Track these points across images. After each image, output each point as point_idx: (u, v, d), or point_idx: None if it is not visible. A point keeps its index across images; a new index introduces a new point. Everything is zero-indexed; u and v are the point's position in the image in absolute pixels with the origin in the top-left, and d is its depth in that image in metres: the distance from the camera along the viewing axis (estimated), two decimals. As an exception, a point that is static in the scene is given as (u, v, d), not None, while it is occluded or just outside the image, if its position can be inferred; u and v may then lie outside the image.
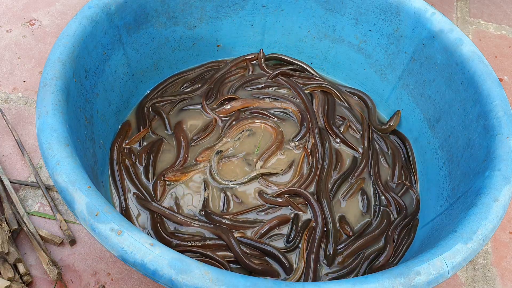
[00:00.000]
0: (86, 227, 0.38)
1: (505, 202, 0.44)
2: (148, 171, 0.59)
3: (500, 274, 0.60)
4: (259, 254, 0.54)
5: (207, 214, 0.56)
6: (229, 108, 0.67)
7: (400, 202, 0.60)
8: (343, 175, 0.62)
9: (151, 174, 0.59)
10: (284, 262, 0.53)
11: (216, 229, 0.54)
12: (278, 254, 0.53)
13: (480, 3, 1.02)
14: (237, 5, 0.70)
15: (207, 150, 0.62)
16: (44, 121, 0.43)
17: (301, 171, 0.62)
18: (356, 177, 0.62)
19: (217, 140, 0.64)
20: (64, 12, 0.87)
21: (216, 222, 0.55)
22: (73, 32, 0.51)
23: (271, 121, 0.67)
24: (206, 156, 0.62)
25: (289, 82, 0.73)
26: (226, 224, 0.55)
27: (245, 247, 0.53)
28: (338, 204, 0.60)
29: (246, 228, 0.56)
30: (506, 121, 0.50)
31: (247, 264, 0.51)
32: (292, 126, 0.68)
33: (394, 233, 0.57)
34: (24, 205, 0.60)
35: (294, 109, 0.69)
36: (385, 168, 0.65)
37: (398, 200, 0.60)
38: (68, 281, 0.54)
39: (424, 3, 0.62)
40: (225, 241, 0.53)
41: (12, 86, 0.74)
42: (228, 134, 0.64)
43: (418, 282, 0.37)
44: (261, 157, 0.63)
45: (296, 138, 0.65)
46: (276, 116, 0.68)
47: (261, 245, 0.54)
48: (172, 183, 0.59)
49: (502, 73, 0.87)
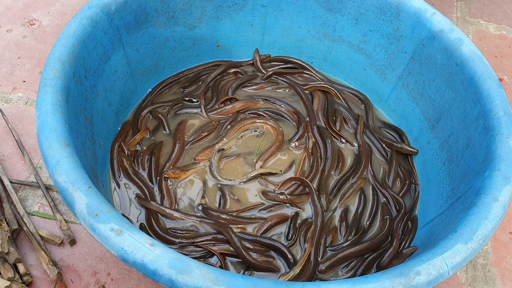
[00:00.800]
0: (86, 227, 0.38)
1: (505, 202, 0.44)
2: (151, 175, 0.59)
3: (500, 274, 0.60)
4: (261, 250, 0.54)
5: (205, 209, 0.57)
6: (230, 109, 0.67)
7: (400, 200, 0.60)
8: (345, 175, 0.63)
9: (154, 178, 0.59)
10: (287, 254, 0.53)
11: (216, 224, 0.54)
12: (281, 247, 0.53)
13: (480, 3, 1.02)
14: (237, 5, 0.70)
15: (207, 149, 0.62)
16: (44, 121, 0.43)
17: (302, 170, 0.62)
18: (357, 177, 0.62)
19: (217, 140, 0.64)
20: (64, 12, 0.87)
21: (215, 217, 0.56)
22: (73, 32, 0.51)
23: (271, 121, 0.67)
24: (205, 156, 0.62)
25: (289, 82, 0.73)
26: (225, 219, 0.55)
27: (247, 242, 0.54)
28: (339, 203, 0.60)
29: (246, 223, 0.56)
30: (506, 121, 0.50)
31: (247, 259, 0.51)
32: (291, 127, 0.68)
33: (399, 229, 0.57)
34: (24, 205, 0.60)
35: (290, 110, 0.69)
36: (382, 164, 0.65)
37: (396, 197, 0.61)
38: (68, 281, 0.54)
39: (424, 3, 0.62)
40: (225, 235, 0.53)
41: (12, 86, 0.74)
42: (228, 134, 0.64)
43: (418, 282, 0.37)
44: (261, 157, 0.63)
45: (294, 138, 0.66)
46: (273, 117, 0.68)
47: (264, 239, 0.54)
48: (174, 181, 0.59)
49: (502, 73, 0.87)
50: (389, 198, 0.61)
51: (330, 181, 0.62)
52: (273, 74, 0.74)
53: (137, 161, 0.61)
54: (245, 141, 0.65)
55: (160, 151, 0.62)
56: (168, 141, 0.64)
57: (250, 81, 0.73)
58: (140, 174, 0.60)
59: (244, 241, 0.54)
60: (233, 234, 0.53)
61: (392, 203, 0.60)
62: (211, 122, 0.66)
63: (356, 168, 0.63)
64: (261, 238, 0.54)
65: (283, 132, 0.66)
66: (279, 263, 0.54)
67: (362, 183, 0.62)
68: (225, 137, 0.64)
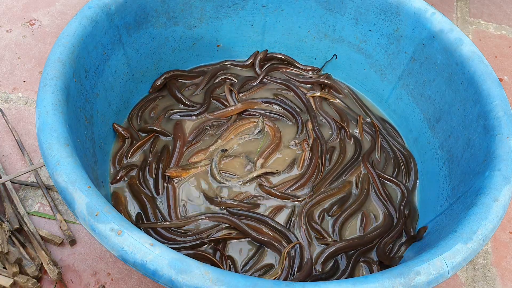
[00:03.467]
0: (86, 227, 0.38)
1: (505, 202, 0.44)
2: (158, 183, 0.59)
3: (500, 274, 0.60)
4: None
5: (207, 197, 0.58)
6: (233, 110, 0.67)
7: (401, 186, 0.62)
8: (345, 166, 0.64)
9: (161, 186, 0.59)
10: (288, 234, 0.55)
11: (220, 216, 0.56)
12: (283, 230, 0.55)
13: (480, 3, 1.02)
14: (237, 5, 0.70)
15: (200, 151, 0.62)
16: (44, 121, 0.43)
17: (303, 167, 0.63)
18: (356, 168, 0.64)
19: (212, 142, 0.64)
20: (64, 12, 0.87)
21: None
22: (73, 32, 0.51)
23: (267, 120, 0.67)
24: (199, 158, 0.62)
25: (283, 83, 0.73)
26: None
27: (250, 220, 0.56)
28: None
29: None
30: (506, 121, 0.50)
31: (255, 237, 0.54)
32: (289, 126, 0.68)
33: (405, 210, 0.59)
34: (24, 205, 0.60)
35: (287, 108, 0.69)
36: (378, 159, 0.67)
37: (397, 182, 0.62)
38: (68, 281, 0.54)
39: (424, 3, 0.62)
40: (231, 222, 0.55)
41: (12, 86, 0.74)
42: (223, 136, 0.64)
43: (418, 282, 0.37)
44: (262, 156, 0.63)
45: (296, 135, 0.66)
46: (271, 117, 0.69)
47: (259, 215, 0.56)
48: (176, 180, 0.59)
49: (502, 73, 0.87)
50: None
51: (329, 177, 0.62)
52: (266, 75, 0.74)
53: (143, 171, 0.60)
54: (245, 141, 0.65)
55: (168, 156, 0.62)
56: (169, 142, 0.64)
57: (243, 86, 0.73)
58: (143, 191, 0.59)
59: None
60: (236, 219, 0.55)
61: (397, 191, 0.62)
62: (210, 121, 0.67)
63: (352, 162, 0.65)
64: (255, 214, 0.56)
65: (280, 130, 0.66)
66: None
67: (346, 187, 0.62)
68: (220, 139, 0.64)
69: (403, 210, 0.59)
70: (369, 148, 0.66)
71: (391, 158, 0.66)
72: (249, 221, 0.55)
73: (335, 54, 0.74)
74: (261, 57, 0.75)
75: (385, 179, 0.63)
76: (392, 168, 0.65)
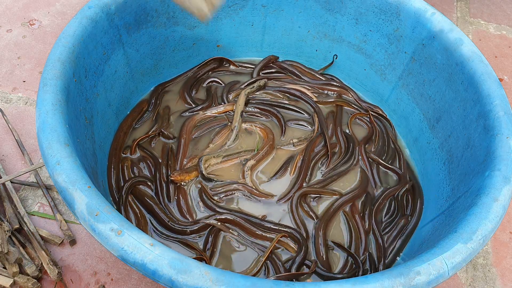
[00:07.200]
0: (86, 227, 0.38)
1: (505, 202, 0.44)
2: (169, 190, 0.59)
3: (500, 274, 0.60)
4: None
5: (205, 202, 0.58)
6: (222, 110, 0.68)
7: (398, 171, 0.64)
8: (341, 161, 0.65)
9: (171, 194, 0.59)
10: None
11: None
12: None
13: (480, 3, 1.02)
14: (237, 5, 0.70)
15: (194, 158, 0.62)
16: (44, 121, 0.43)
17: (297, 167, 0.63)
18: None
19: (206, 148, 0.64)
20: (64, 12, 0.87)
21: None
22: (73, 32, 0.51)
23: (258, 122, 0.67)
24: (193, 163, 0.62)
25: (280, 90, 0.73)
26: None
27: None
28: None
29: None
30: (506, 121, 0.50)
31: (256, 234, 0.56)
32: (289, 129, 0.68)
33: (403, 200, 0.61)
34: (24, 205, 0.60)
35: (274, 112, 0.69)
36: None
37: (395, 169, 0.65)
38: (68, 281, 0.54)
39: (424, 3, 0.62)
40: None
41: (12, 86, 0.74)
42: (215, 140, 0.64)
43: (418, 282, 0.37)
44: (254, 158, 0.62)
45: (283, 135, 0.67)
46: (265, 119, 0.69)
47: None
48: (182, 183, 0.59)
49: (502, 73, 0.87)
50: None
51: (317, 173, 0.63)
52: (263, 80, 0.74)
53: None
54: (240, 143, 0.65)
55: (174, 160, 0.62)
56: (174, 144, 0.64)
57: (232, 89, 0.72)
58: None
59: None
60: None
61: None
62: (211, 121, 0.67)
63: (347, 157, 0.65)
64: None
65: (272, 131, 0.66)
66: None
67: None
68: (211, 144, 0.64)
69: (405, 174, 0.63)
70: (366, 135, 0.68)
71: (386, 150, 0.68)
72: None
73: (336, 54, 0.74)
74: (262, 65, 0.75)
75: (379, 164, 0.65)
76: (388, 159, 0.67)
